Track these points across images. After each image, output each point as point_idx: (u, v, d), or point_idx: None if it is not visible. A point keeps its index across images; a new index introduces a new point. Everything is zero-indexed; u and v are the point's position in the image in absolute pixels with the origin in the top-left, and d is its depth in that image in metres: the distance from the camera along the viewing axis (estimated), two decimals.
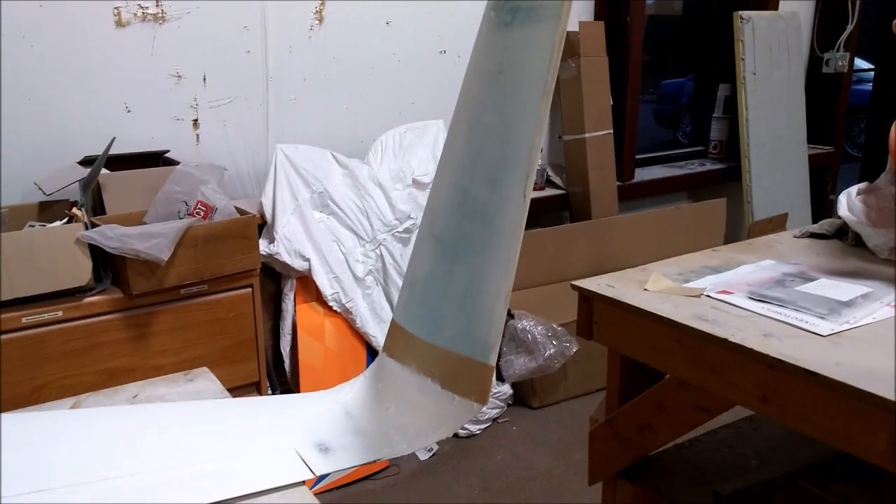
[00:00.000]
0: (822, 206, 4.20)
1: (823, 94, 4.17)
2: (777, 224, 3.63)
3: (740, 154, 3.60)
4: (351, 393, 1.09)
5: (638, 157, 3.74)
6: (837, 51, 4.08)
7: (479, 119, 0.92)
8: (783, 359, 1.21)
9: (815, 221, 4.17)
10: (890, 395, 1.07)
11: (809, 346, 1.25)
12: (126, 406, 1.13)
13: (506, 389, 2.91)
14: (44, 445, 0.97)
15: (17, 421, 1.03)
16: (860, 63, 4.42)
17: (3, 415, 1.00)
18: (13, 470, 0.92)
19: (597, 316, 1.55)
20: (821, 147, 4.21)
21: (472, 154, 0.93)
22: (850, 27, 4.03)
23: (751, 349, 1.25)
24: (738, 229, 3.78)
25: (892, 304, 1.40)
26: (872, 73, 5.00)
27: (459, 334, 0.95)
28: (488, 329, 0.93)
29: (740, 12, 3.47)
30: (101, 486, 0.91)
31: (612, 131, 3.29)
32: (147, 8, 2.37)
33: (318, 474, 0.99)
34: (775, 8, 3.84)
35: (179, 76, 2.48)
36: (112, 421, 1.06)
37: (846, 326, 1.32)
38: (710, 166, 3.95)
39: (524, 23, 0.85)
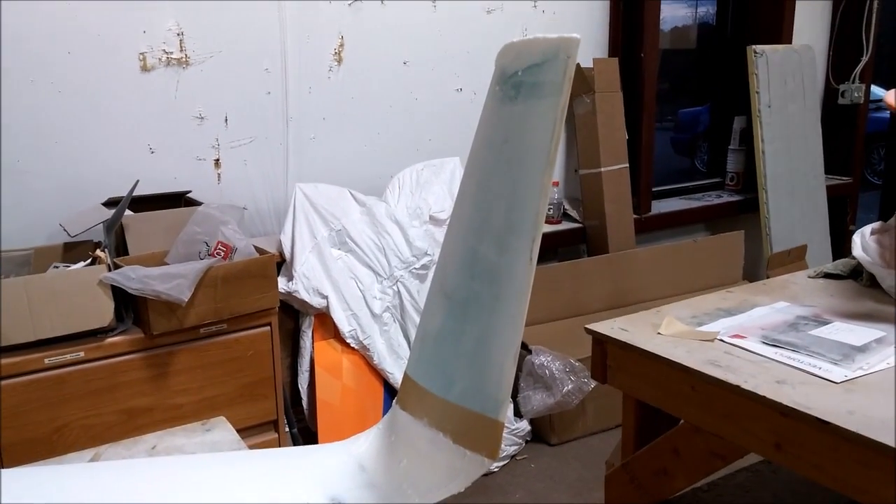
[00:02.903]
0: (842, 237, 4.18)
1: (840, 126, 4.17)
2: (796, 256, 3.61)
3: (757, 186, 3.60)
4: (365, 445, 1.11)
5: (655, 189, 3.75)
6: (853, 82, 4.08)
7: (486, 183, 0.95)
8: (796, 407, 1.21)
9: (835, 252, 4.12)
10: None
11: (822, 394, 1.25)
12: (144, 459, 1.16)
13: (524, 426, 2.90)
14: (64, 501, 0.99)
15: (37, 475, 1.06)
16: (877, 91, 4.41)
17: (25, 468, 1.03)
18: None
19: (611, 360, 1.56)
20: (839, 178, 4.20)
21: (481, 216, 0.95)
22: (864, 59, 4.04)
23: (763, 396, 1.26)
24: (756, 261, 3.76)
25: None
26: None
27: (470, 390, 0.97)
28: (498, 385, 0.94)
29: (754, 46, 3.49)
30: None
31: (627, 165, 3.31)
32: (171, 53, 2.43)
33: None
34: (789, 41, 3.86)
35: (202, 117, 2.54)
36: (131, 475, 1.08)
37: (860, 373, 1.32)
38: (727, 198, 3.95)
39: (528, 98, 0.88)
